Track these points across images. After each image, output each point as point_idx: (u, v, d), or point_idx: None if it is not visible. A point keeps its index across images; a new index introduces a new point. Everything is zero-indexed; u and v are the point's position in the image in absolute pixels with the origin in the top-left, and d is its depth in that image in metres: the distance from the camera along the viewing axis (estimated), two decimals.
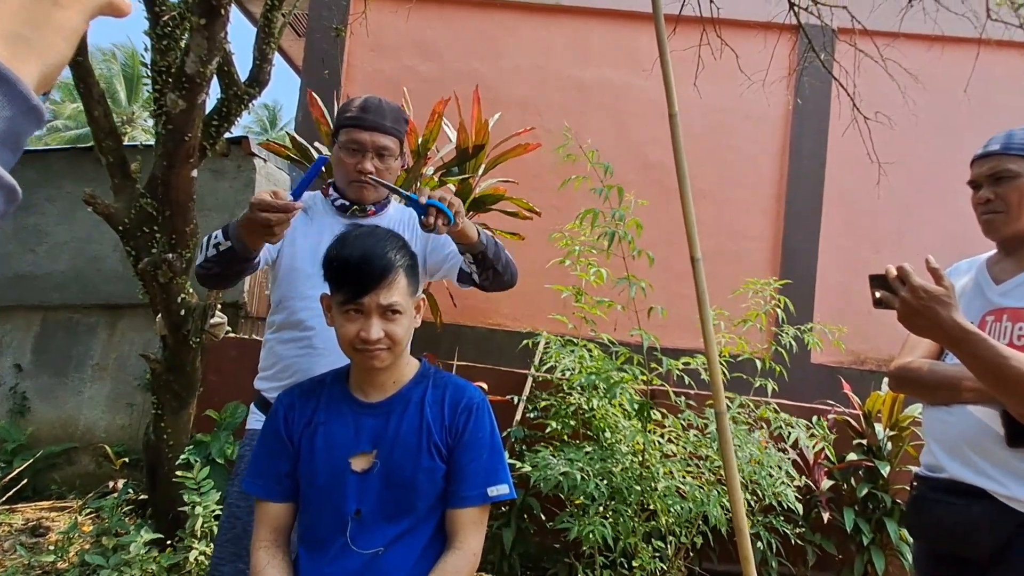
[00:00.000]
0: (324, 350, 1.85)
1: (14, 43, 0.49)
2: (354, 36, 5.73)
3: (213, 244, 1.69)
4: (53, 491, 4.75)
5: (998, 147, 1.65)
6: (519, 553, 3.59)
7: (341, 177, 1.94)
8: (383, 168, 1.90)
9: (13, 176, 0.48)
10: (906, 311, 1.46)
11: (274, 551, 1.51)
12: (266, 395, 1.92)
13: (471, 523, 1.51)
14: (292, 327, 1.89)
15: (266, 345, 1.97)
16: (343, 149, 1.90)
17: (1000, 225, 1.65)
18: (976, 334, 1.43)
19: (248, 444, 1.95)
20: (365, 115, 1.89)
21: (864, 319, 5.36)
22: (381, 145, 1.89)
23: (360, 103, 1.93)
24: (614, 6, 5.76)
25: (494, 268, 1.87)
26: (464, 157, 4.25)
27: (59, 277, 5.25)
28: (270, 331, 1.96)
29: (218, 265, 1.71)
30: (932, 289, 1.43)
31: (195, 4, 2.99)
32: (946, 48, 5.14)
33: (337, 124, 1.96)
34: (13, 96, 0.47)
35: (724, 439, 2.27)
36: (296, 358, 1.88)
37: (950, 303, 1.43)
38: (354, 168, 1.88)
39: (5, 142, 0.47)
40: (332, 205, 1.96)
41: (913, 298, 1.44)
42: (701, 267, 2.33)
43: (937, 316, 1.43)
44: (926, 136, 5.49)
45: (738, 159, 5.69)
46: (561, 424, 3.47)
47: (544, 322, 4.26)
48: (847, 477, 3.78)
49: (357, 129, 1.89)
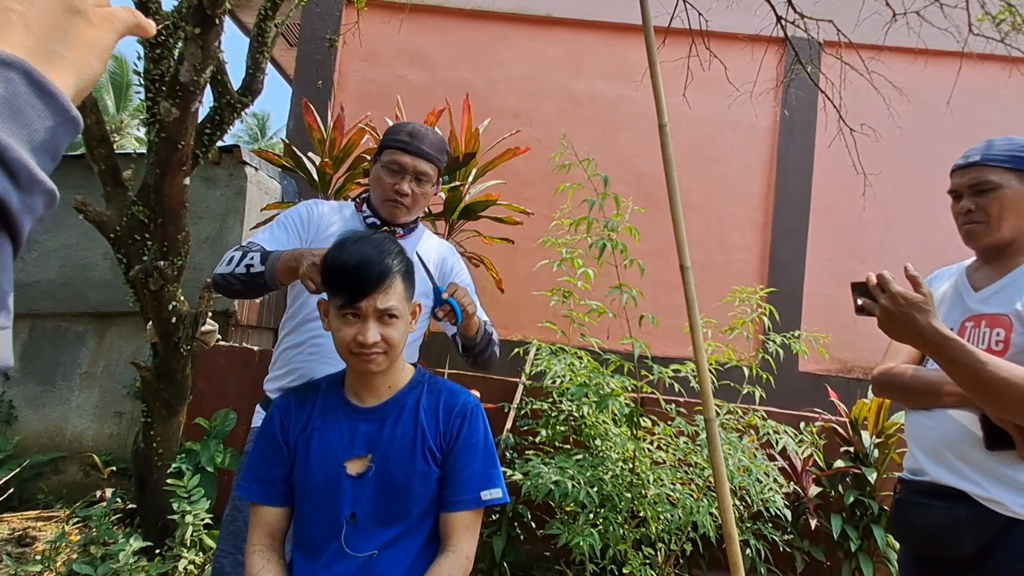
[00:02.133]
0: (335, 358, 1.89)
1: (51, 59, 0.53)
2: (346, 46, 5.76)
3: (245, 264, 1.76)
4: (40, 501, 4.70)
5: (978, 158, 1.68)
6: (510, 561, 3.60)
7: (377, 195, 2.01)
8: (419, 192, 1.99)
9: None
10: (886, 318, 1.50)
11: (269, 555, 1.52)
12: (272, 396, 1.96)
13: (465, 527, 1.53)
14: (305, 332, 1.94)
15: (279, 348, 2.03)
16: (384, 168, 1.97)
17: (981, 235, 1.69)
18: (954, 339, 1.46)
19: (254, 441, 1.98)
20: (411, 140, 1.97)
21: (850, 328, 5.42)
22: (421, 171, 1.97)
23: (410, 128, 2.01)
24: (605, 18, 5.83)
25: (476, 356, 2.00)
26: (455, 165, 4.28)
27: (48, 285, 5.23)
28: (284, 334, 2.01)
29: (243, 284, 1.79)
30: (911, 296, 1.46)
31: (189, 13, 3.02)
32: (929, 62, 5.23)
33: (383, 143, 2.03)
34: (56, 108, 0.50)
35: (714, 445, 2.30)
36: (304, 363, 1.93)
37: (928, 310, 1.46)
38: (391, 188, 1.96)
39: (46, 150, 0.50)
40: (364, 221, 2.03)
41: (892, 305, 1.47)
42: (690, 275, 2.37)
43: (916, 322, 1.46)
44: (910, 148, 5.57)
45: (726, 170, 5.75)
46: (552, 432, 3.49)
47: (535, 331, 4.29)
48: (835, 484, 3.81)
49: (401, 152, 1.96)
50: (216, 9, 2.95)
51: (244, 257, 1.78)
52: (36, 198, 0.49)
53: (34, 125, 0.49)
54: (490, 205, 4.31)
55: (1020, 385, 1.41)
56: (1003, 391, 1.42)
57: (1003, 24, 4.22)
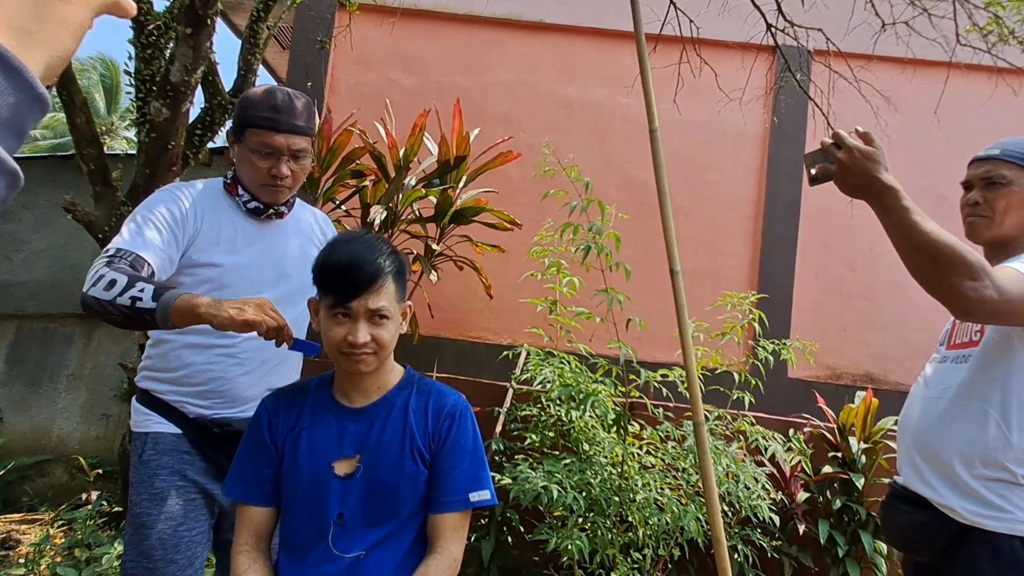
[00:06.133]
0: (246, 360, 1.84)
1: (20, 35, 0.51)
2: (338, 49, 5.76)
3: (131, 296, 1.49)
4: (24, 503, 4.66)
5: (997, 152, 1.69)
6: (498, 565, 3.59)
7: (251, 179, 1.82)
8: (298, 169, 1.82)
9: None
10: (843, 171, 1.54)
11: (255, 555, 1.51)
12: (163, 397, 1.83)
13: (452, 528, 1.52)
14: (209, 332, 1.70)
15: (163, 345, 1.82)
16: (254, 152, 1.77)
17: (982, 229, 1.70)
18: (897, 190, 1.50)
19: (152, 448, 1.81)
20: (279, 116, 1.76)
21: (839, 335, 5.45)
22: (297, 148, 1.79)
23: (270, 101, 1.77)
24: (597, 24, 5.85)
25: None
26: (445, 169, 4.28)
27: (35, 286, 5.19)
28: (169, 332, 1.74)
29: (124, 317, 1.52)
30: (865, 148, 1.52)
31: (181, 14, 3.01)
32: (917, 71, 5.28)
33: (244, 120, 1.78)
34: (19, 84, 0.48)
35: (702, 450, 2.30)
36: (209, 365, 1.81)
37: (880, 161, 1.51)
38: (267, 172, 1.78)
39: (10, 128, 0.48)
40: (244, 206, 1.85)
41: (849, 158, 1.52)
42: (680, 279, 2.37)
43: (867, 171, 1.51)
44: (898, 157, 5.59)
45: (716, 177, 5.78)
46: (540, 436, 3.49)
47: (523, 335, 4.29)
48: (823, 489, 3.82)
49: (270, 132, 1.75)
50: (208, 9, 2.95)
51: (128, 286, 1.51)
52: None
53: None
54: (480, 211, 4.31)
55: (946, 242, 1.42)
56: (928, 244, 1.43)
57: (990, 35, 4.28)
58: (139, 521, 1.75)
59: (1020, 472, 1.51)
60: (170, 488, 1.77)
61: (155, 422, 1.82)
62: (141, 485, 1.78)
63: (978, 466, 1.54)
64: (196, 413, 1.83)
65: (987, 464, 1.53)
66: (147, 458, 1.79)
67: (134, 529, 1.76)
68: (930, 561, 1.63)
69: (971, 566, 1.52)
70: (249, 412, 1.71)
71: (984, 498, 1.53)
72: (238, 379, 1.84)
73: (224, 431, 1.83)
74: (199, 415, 1.83)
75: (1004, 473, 1.52)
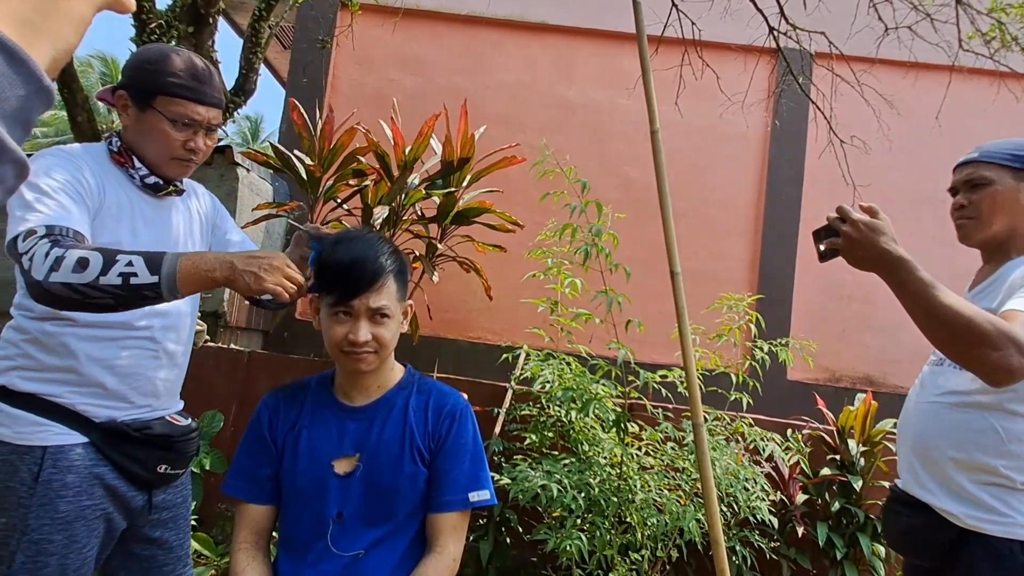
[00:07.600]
0: (161, 350, 1.66)
1: (24, 28, 0.51)
2: (340, 49, 5.77)
3: (119, 273, 1.29)
4: None
5: (976, 155, 1.71)
6: (496, 566, 3.58)
7: (159, 152, 1.63)
8: (209, 145, 1.69)
9: None
10: (849, 244, 1.51)
11: (254, 553, 1.51)
12: (58, 400, 1.53)
13: (451, 528, 1.52)
14: (109, 324, 1.55)
15: (51, 337, 1.54)
16: (172, 122, 1.60)
17: (972, 231, 1.71)
18: (909, 261, 1.47)
19: (51, 466, 1.50)
20: (201, 86, 1.61)
21: (838, 337, 5.45)
22: (215, 122, 1.66)
23: (191, 70, 1.61)
24: (599, 26, 5.86)
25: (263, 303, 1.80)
26: (449, 170, 4.28)
27: None
28: (55, 321, 1.53)
29: (115, 299, 1.31)
30: (870, 221, 1.49)
31: (183, 12, 3.02)
32: (920, 75, 5.29)
33: (155, 87, 1.59)
34: (27, 76, 0.49)
35: (701, 451, 2.30)
36: (118, 358, 1.58)
37: (886, 232, 1.49)
38: (182, 145, 1.62)
39: (18, 119, 0.49)
40: (143, 182, 1.65)
41: (855, 231, 1.50)
42: (680, 281, 2.37)
43: (875, 244, 1.48)
44: (899, 160, 5.62)
45: (717, 179, 5.78)
46: (540, 436, 3.49)
47: (523, 336, 4.29)
48: (821, 492, 3.82)
49: (193, 103, 1.60)
50: (210, 8, 2.96)
51: (109, 263, 1.29)
52: (6, 168, 0.48)
53: (4, 93, 0.47)
54: (483, 212, 4.31)
55: (965, 315, 1.38)
56: (947, 319, 1.40)
57: (993, 41, 4.29)
58: (38, 548, 1.49)
59: (1018, 478, 1.51)
60: (77, 511, 1.53)
61: (54, 434, 1.52)
62: (41, 508, 1.49)
63: (976, 471, 1.54)
64: (106, 416, 1.58)
65: (985, 469, 1.53)
66: (47, 477, 1.49)
67: (30, 557, 1.48)
68: (930, 565, 1.63)
69: (971, 570, 1.52)
70: (162, 412, 1.67)
71: (983, 502, 1.53)
72: (152, 372, 1.64)
73: (143, 435, 1.62)
74: (109, 418, 1.58)
75: (1002, 478, 1.52)
